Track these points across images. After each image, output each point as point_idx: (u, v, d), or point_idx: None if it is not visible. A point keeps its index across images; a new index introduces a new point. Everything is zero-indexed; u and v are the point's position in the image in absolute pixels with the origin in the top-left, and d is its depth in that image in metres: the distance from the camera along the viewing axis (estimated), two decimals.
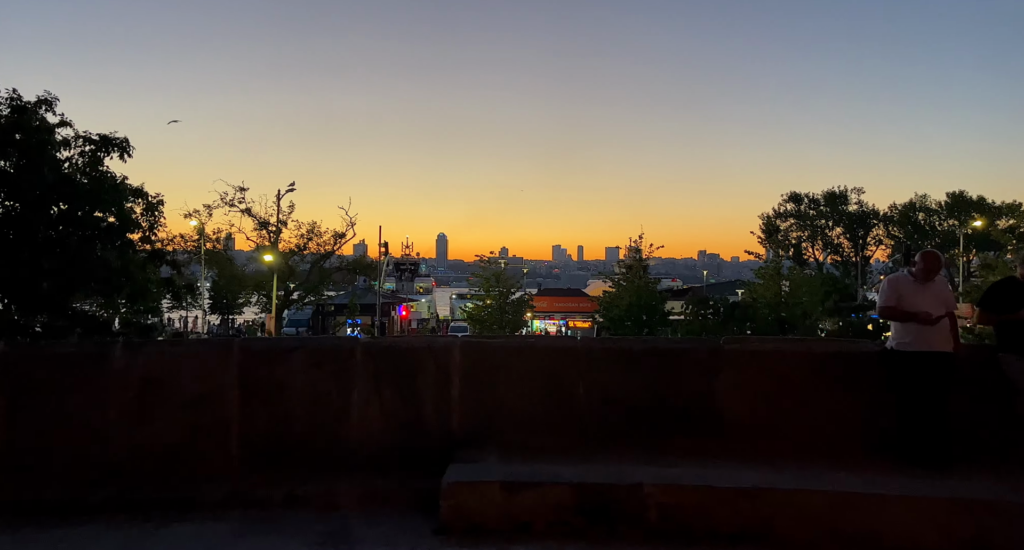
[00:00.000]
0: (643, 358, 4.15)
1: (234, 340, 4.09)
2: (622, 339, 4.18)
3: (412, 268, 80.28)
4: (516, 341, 4.37)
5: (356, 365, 4.21)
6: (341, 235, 37.63)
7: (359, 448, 4.11)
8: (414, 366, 4.27)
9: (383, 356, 4.27)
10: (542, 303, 37.14)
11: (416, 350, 4.27)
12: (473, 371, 4.27)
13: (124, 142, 9.29)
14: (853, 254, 49.37)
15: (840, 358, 4.00)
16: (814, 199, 50.89)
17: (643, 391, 4.16)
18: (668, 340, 4.25)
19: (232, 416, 3.97)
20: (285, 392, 4.09)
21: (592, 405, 4.19)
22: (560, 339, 4.20)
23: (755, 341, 4.13)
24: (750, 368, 4.03)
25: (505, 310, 25.92)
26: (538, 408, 4.21)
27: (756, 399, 3.99)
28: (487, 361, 4.28)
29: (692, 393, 4.07)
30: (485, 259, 26.66)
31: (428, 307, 66.93)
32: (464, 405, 4.22)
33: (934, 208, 49.02)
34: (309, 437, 4.04)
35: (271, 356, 4.09)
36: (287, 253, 35.87)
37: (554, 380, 4.25)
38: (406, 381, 4.24)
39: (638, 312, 22.85)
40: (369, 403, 4.19)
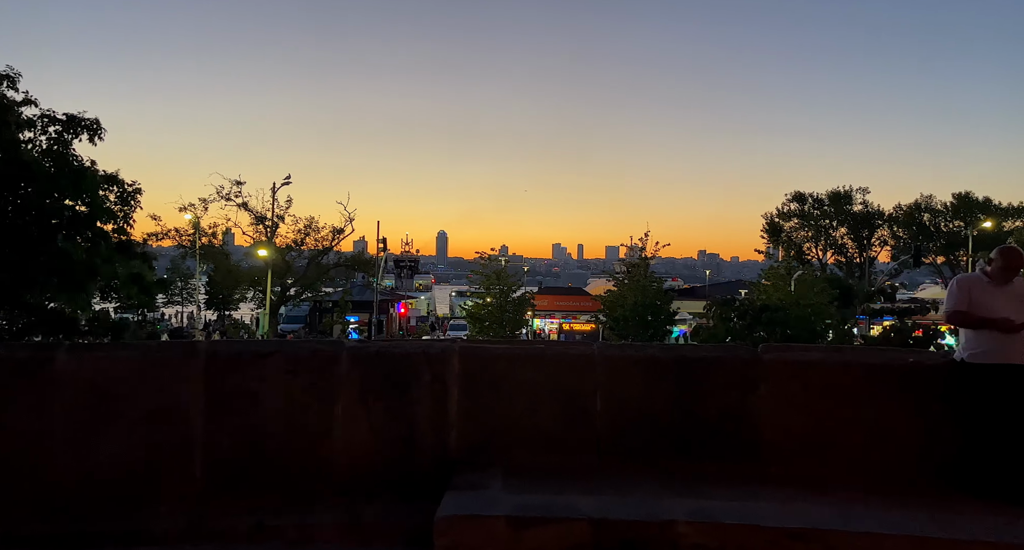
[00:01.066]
0: (669, 368, 3.62)
1: (199, 344, 3.56)
2: (645, 346, 3.64)
3: (411, 265, 79.71)
4: (523, 347, 3.85)
5: (340, 374, 3.69)
6: (339, 231, 37.13)
7: (342, 470, 3.59)
8: (407, 375, 3.75)
9: (372, 363, 3.75)
10: (543, 302, 36.61)
11: (410, 357, 3.75)
12: (474, 381, 3.75)
13: (94, 124, 8.67)
14: (857, 255, 48.83)
15: (898, 371, 3.47)
16: (818, 199, 50.32)
17: (669, 406, 3.64)
18: (697, 348, 3.72)
19: (196, 433, 3.45)
20: (258, 405, 3.56)
21: (611, 421, 3.67)
22: (573, 346, 3.66)
23: (798, 350, 3.61)
24: (792, 381, 3.51)
25: (505, 309, 25.38)
26: (549, 424, 3.70)
27: (798, 417, 3.47)
28: (490, 370, 3.76)
29: (725, 409, 3.56)
30: (485, 256, 26.11)
31: (427, 305, 66.42)
32: (464, 420, 3.71)
33: (939, 209, 48.47)
34: (284, 457, 3.52)
35: (242, 363, 3.56)
36: (284, 248, 35.37)
37: (567, 392, 3.73)
38: (398, 393, 3.72)
39: (643, 312, 22.26)
40: (355, 418, 3.66)
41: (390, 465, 3.60)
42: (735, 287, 63.64)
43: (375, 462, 3.59)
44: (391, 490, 3.50)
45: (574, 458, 3.60)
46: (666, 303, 23.64)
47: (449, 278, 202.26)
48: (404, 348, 3.84)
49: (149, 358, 3.49)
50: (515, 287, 26.25)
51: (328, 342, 3.77)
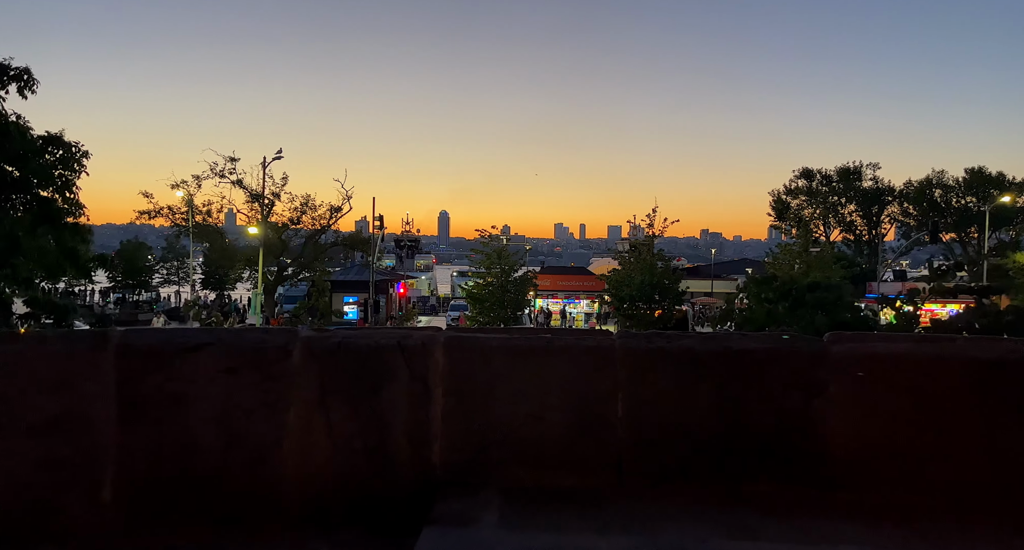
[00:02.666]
0: (710, 364, 2.86)
1: (110, 334, 2.78)
2: (678, 336, 2.86)
3: (412, 245, 78.83)
4: (524, 337, 3.09)
5: (293, 371, 2.92)
6: (337, 209, 36.27)
7: (294, 493, 2.85)
8: (378, 373, 2.99)
9: (333, 358, 2.98)
10: (545, 282, 35.87)
11: (381, 350, 2.98)
12: (463, 380, 2.99)
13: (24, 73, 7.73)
14: (866, 232, 47.91)
15: (1017, 368, 2.69)
16: (827, 175, 49.22)
17: (710, 412, 2.88)
18: (744, 338, 2.94)
19: (105, 447, 2.70)
20: (186, 411, 2.81)
21: (636, 432, 2.92)
22: (588, 335, 2.86)
23: (878, 339, 2.82)
24: (870, 381, 2.75)
25: (507, 289, 24.59)
26: (557, 435, 2.95)
27: (879, 428, 2.71)
28: (483, 366, 2.99)
29: (783, 417, 2.79)
30: (486, 235, 25.27)
31: (428, 284, 65.79)
32: (450, 430, 2.95)
33: (951, 184, 47.35)
34: (220, 477, 2.78)
35: (166, 358, 2.80)
36: (280, 227, 34.51)
37: (580, 394, 2.97)
38: (366, 395, 2.96)
39: (650, 291, 21.39)
40: (311, 428, 2.91)
41: (356, 487, 2.86)
42: (741, 266, 62.63)
43: (337, 484, 2.84)
44: (357, 520, 2.76)
45: (589, 478, 2.85)
46: (674, 282, 22.76)
47: (451, 258, 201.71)
48: (374, 339, 3.07)
49: (43, 352, 2.72)
50: (517, 266, 25.45)
51: (278, 331, 3.00)
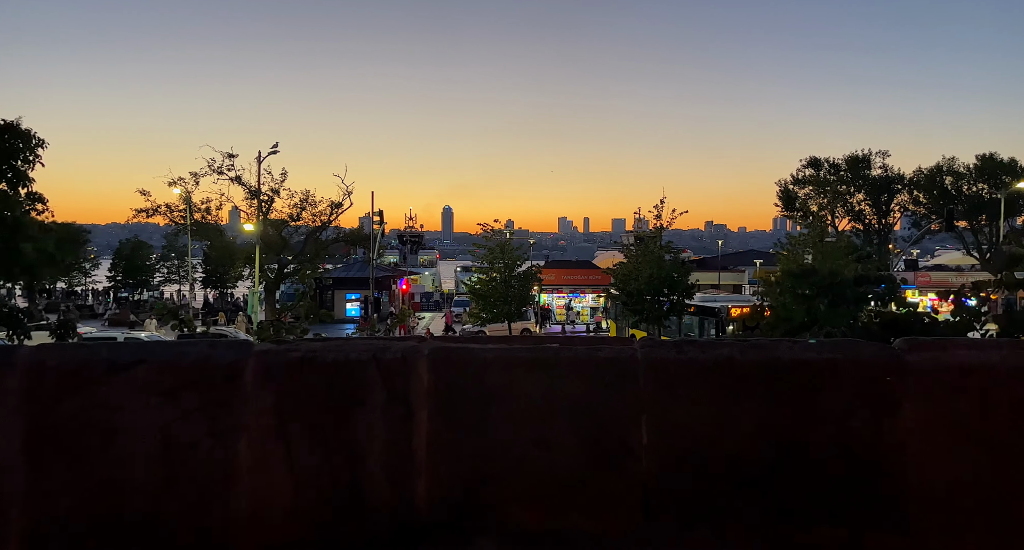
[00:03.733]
0: (755, 379, 2.33)
1: (18, 351, 2.28)
2: (713, 344, 2.32)
3: (416, 240, 78.27)
4: (526, 348, 2.56)
5: (245, 393, 2.41)
6: (338, 205, 35.71)
7: (246, 541, 2.35)
8: (350, 394, 2.47)
9: (294, 377, 2.46)
10: (549, 276, 35.31)
11: (353, 366, 2.46)
12: (453, 401, 2.47)
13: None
14: (875, 221, 47.10)
15: None
16: (834, 164, 48.32)
17: (755, 438, 2.36)
18: (796, 346, 2.41)
19: (11, 490, 2.20)
20: (113, 444, 2.30)
21: (664, 462, 2.39)
22: (604, 344, 2.31)
23: (964, 347, 2.29)
24: (958, 398, 2.22)
25: (511, 284, 24.03)
26: (566, 466, 2.43)
27: (971, 458, 2.19)
28: (476, 383, 2.47)
29: (846, 443, 2.27)
30: (489, 229, 24.71)
31: (432, 280, 65.36)
32: (436, 461, 2.43)
33: (962, 171, 46.41)
34: (155, 523, 2.28)
35: (87, 379, 2.29)
36: (280, 223, 34.00)
37: (595, 417, 2.45)
38: (335, 420, 2.45)
39: (658, 285, 20.77)
40: (268, 460, 2.40)
41: (323, 533, 2.35)
42: (748, 258, 61.75)
43: (299, 529, 2.34)
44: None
45: (607, 520, 2.33)
46: (683, 275, 22.09)
47: (455, 253, 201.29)
48: (345, 352, 2.55)
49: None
50: (521, 261, 24.88)
51: (228, 345, 2.48)
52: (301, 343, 2.53)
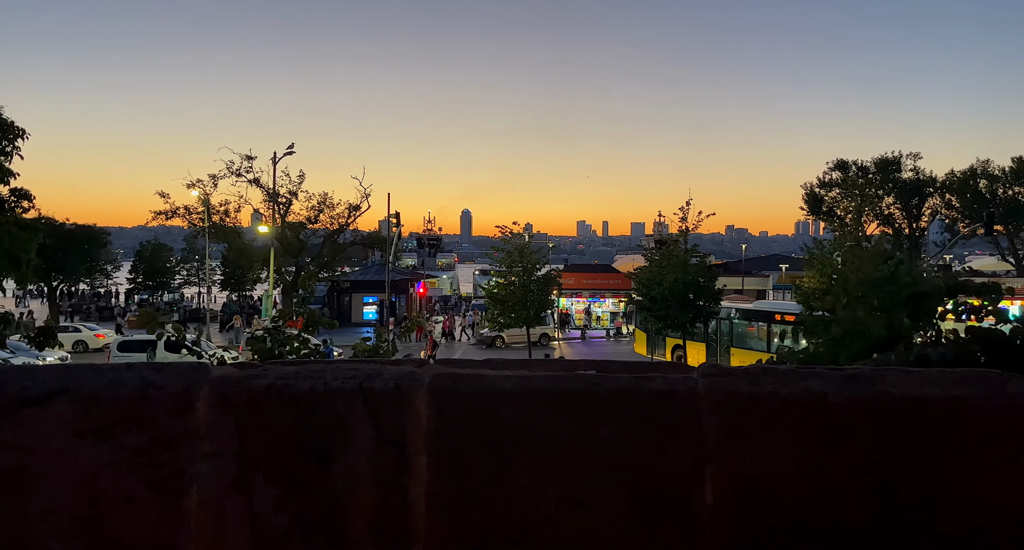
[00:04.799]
0: (855, 420, 1.78)
1: None
2: (799, 374, 1.71)
3: (434, 244, 78.04)
4: (553, 376, 2.01)
5: (197, 432, 1.90)
6: (355, 207, 35.51)
7: None
8: (329, 433, 1.95)
9: (260, 411, 1.96)
10: (569, 280, 34.70)
11: (333, 397, 1.94)
12: (459, 444, 1.94)
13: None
14: (906, 226, 45.73)
15: None
16: (863, 167, 47.02)
17: (858, 499, 1.81)
18: (908, 376, 1.84)
19: None
20: (23, 498, 1.83)
21: (733, 528, 1.85)
22: (653, 372, 1.73)
23: None
24: None
25: (530, 288, 23.44)
26: (606, 531, 1.89)
27: None
28: (491, 422, 1.94)
29: (992, 508, 1.72)
30: (508, 232, 24.18)
31: (450, 284, 65.10)
32: (439, 521, 1.91)
33: (997, 175, 44.88)
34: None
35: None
36: (297, 226, 33.88)
37: (643, 468, 1.90)
38: (310, 468, 1.95)
39: (684, 290, 19.98)
40: (224, 519, 1.89)
41: None
42: (773, 262, 60.41)
43: None
44: None
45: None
46: (710, 281, 21.30)
47: (473, 257, 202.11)
48: (324, 380, 2.02)
49: None
50: (540, 265, 24.31)
51: (175, 370, 1.99)
52: (271, 368, 2.02)
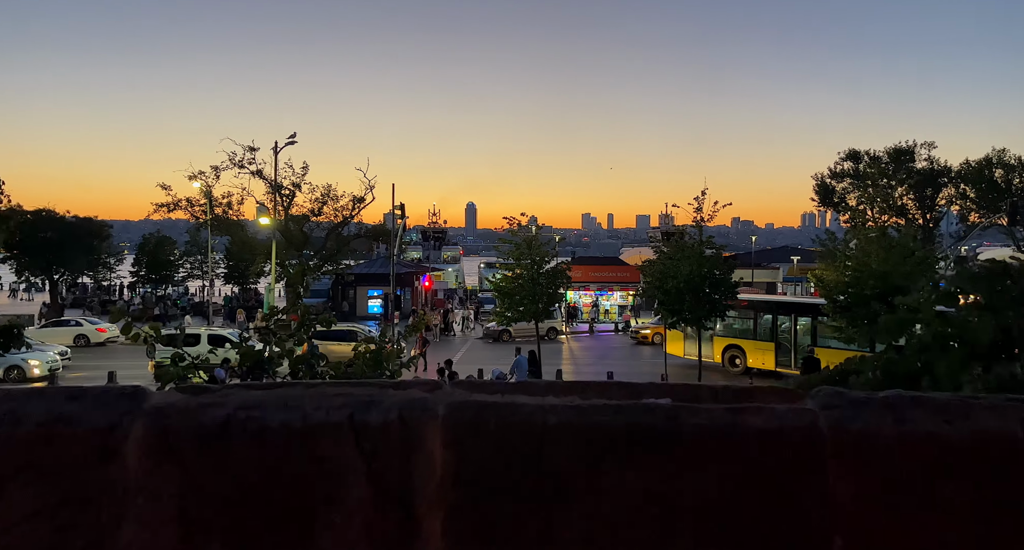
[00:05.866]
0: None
1: None
2: (966, 405, 1.14)
3: (439, 236, 77.47)
4: (611, 406, 1.48)
5: (125, 485, 1.42)
6: (360, 199, 34.96)
7: None
8: (308, 486, 1.46)
9: (213, 454, 1.47)
10: (576, 273, 34.06)
11: (314, 436, 1.43)
12: (485, 501, 1.45)
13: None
14: (920, 216, 44.91)
15: None
16: (875, 156, 46.14)
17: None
18: None
19: None
20: None
21: None
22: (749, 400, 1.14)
23: None
24: None
25: (539, 281, 22.87)
26: None
27: None
28: (527, 470, 1.43)
29: None
30: (515, 223, 23.61)
31: (455, 276, 64.62)
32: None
33: (1013, 164, 43.96)
34: None
35: None
36: (301, 218, 33.41)
37: (744, 539, 1.42)
38: (283, 535, 1.46)
39: (700, 283, 19.34)
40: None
41: None
42: (783, 254, 59.58)
43: None
44: None
45: None
46: (727, 273, 20.65)
47: (478, 249, 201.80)
48: (303, 411, 1.49)
49: None
50: (549, 257, 23.72)
51: (100, 395, 1.48)
52: (231, 393, 1.52)
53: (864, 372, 2.67)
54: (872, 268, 16.93)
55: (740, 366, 24.79)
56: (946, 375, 2.29)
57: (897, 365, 2.59)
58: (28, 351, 24.63)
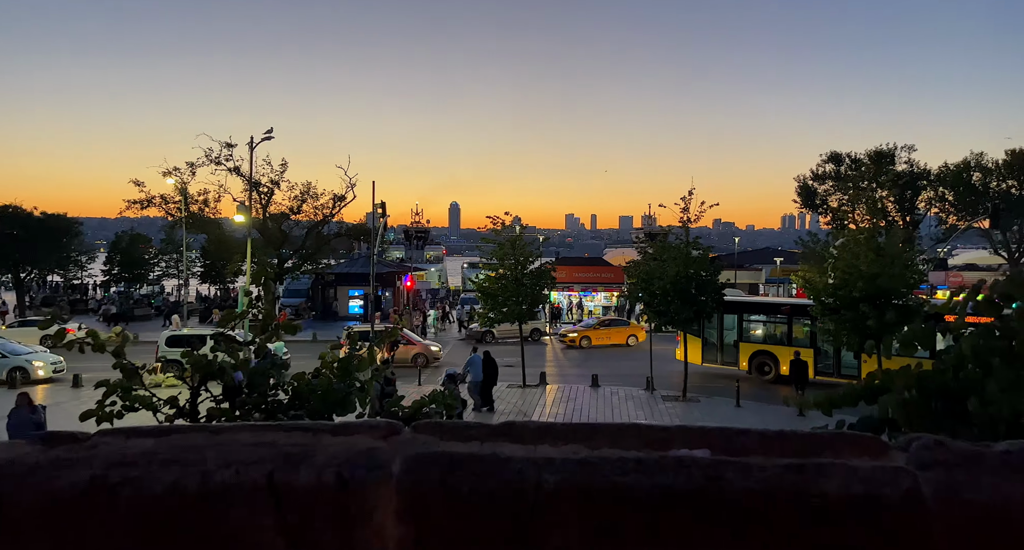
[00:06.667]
0: None
1: None
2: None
3: (422, 236, 76.86)
4: (625, 462, 1.12)
5: None
6: (340, 197, 34.36)
7: None
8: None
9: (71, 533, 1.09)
10: (560, 273, 33.75)
11: (215, 501, 1.06)
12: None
13: None
14: (899, 219, 45.30)
15: None
16: (856, 159, 46.53)
17: None
18: None
19: None
20: None
21: None
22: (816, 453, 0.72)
23: None
24: None
25: (523, 282, 22.46)
26: None
27: None
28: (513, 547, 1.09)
29: None
30: (498, 222, 23.16)
31: (438, 276, 64.02)
32: None
33: (991, 167, 44.58)
34: None
35: None
36: (279, 216, 32.73)
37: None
38: None
39: (686, 284, 19.08)
40: None
41: None
42: (765, 256, 59.96)
43: None
44: None
45: None
46: (713, 274, 20.43)
47: (462, 249, 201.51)
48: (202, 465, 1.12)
49: None
50: (533, 257, 23.29)
51: None
52: (103, 443, 1.12)
53: (894, 389, 2.35)
54: (861, 270, 17.18)
55: (771, 374, 22.80)
56: (1001, 396, 2.00)
57: (933, 381, 2.30)
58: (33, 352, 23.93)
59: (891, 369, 2.56)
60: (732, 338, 24.46)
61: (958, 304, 2.52)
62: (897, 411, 2.25)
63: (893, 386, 2.49)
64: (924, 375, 2.44)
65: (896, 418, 2.25)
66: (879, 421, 2.34)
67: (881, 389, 2.44)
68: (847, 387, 2.61)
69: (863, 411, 2.69)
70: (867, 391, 2.50)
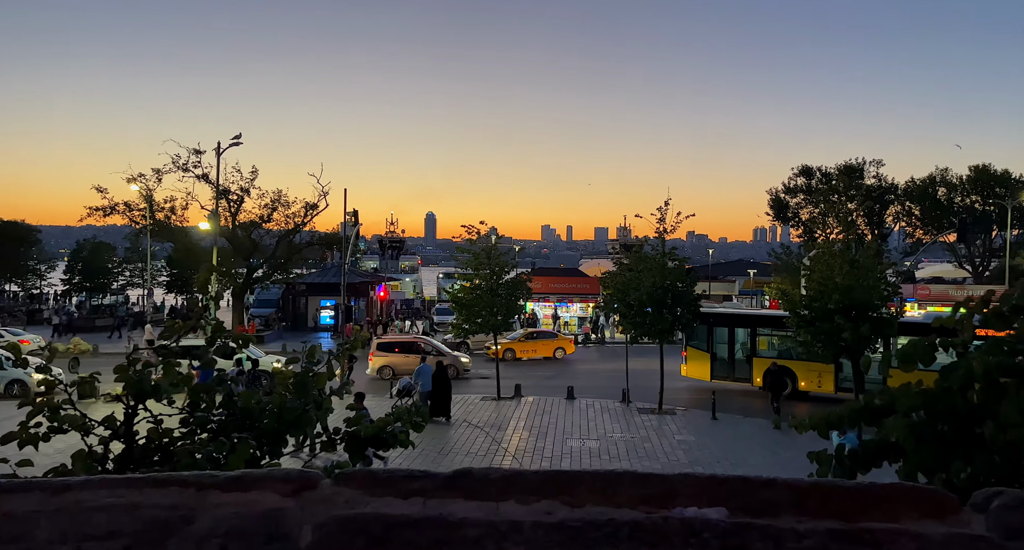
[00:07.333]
0: None
1: None
2: None
3: (396, 246, 75.97)
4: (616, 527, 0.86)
5: None
6: (313, 206, 33.71)
7: None
8: None
9: None
10: (536, 284, 33.47)
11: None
12: None
13: None
14: (868, 232, 46.15)
15: None
16: (827, 173, 47.37)
17: None
18: None
19: None
20: None
21: None
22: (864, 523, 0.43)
23: None
24: None
25: (497, 292, 22.13)
26: None
27: None
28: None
29: None
30: (473, 231, 22.84)
31: (413, 286, 63.22)
32: None
33: (955, 183, 45.74)
34: None
35: None
36: (249, 225, 31.95)
37: None
38: None
39: (663, 295, 19.00)
40: None
41: None
42: (738, 268, 60.60)
43: None
44: None
45: None
46: (690, 285, 20.38)
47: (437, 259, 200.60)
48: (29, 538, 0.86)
49: None
50: (508, 268, 23.00)
51: None
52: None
53: (900, 410, 2.14)
54: (836, 282, 17.21)
55: (787, 390, 21.19)
56: (1021, 419, 1.80)
57: (940, 402, 2.10)
58: None
59: (892, 387, 2.35)
60: (743, 353, 23.35)
61: (963, 317, 2.33)
62: (904, 437, 2.03)
63: (897, 406, 2.28)
64: (931, 395, 2.23)
65: (904, 445, 2.03)
66: (883, 446, 2.12)
67: (883, 409, 2.24)
68: (846, 406, 2.40)
69: None
70: (868, 411, 2.29)
